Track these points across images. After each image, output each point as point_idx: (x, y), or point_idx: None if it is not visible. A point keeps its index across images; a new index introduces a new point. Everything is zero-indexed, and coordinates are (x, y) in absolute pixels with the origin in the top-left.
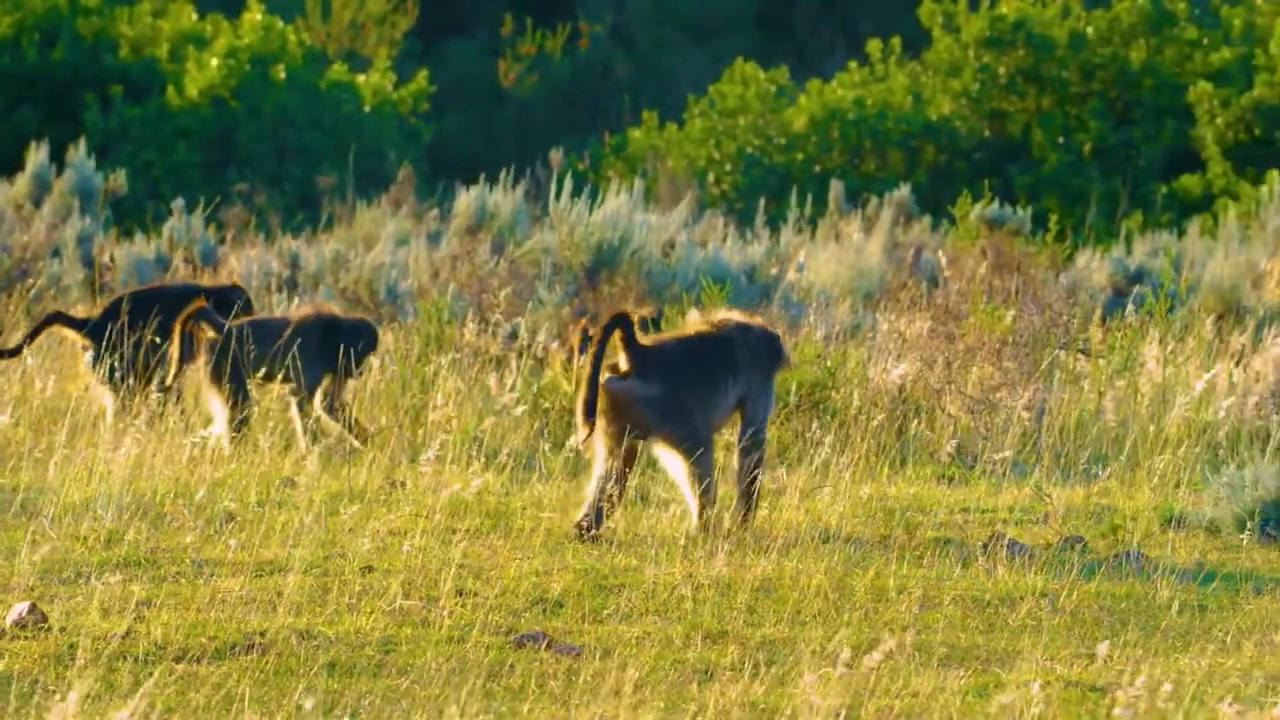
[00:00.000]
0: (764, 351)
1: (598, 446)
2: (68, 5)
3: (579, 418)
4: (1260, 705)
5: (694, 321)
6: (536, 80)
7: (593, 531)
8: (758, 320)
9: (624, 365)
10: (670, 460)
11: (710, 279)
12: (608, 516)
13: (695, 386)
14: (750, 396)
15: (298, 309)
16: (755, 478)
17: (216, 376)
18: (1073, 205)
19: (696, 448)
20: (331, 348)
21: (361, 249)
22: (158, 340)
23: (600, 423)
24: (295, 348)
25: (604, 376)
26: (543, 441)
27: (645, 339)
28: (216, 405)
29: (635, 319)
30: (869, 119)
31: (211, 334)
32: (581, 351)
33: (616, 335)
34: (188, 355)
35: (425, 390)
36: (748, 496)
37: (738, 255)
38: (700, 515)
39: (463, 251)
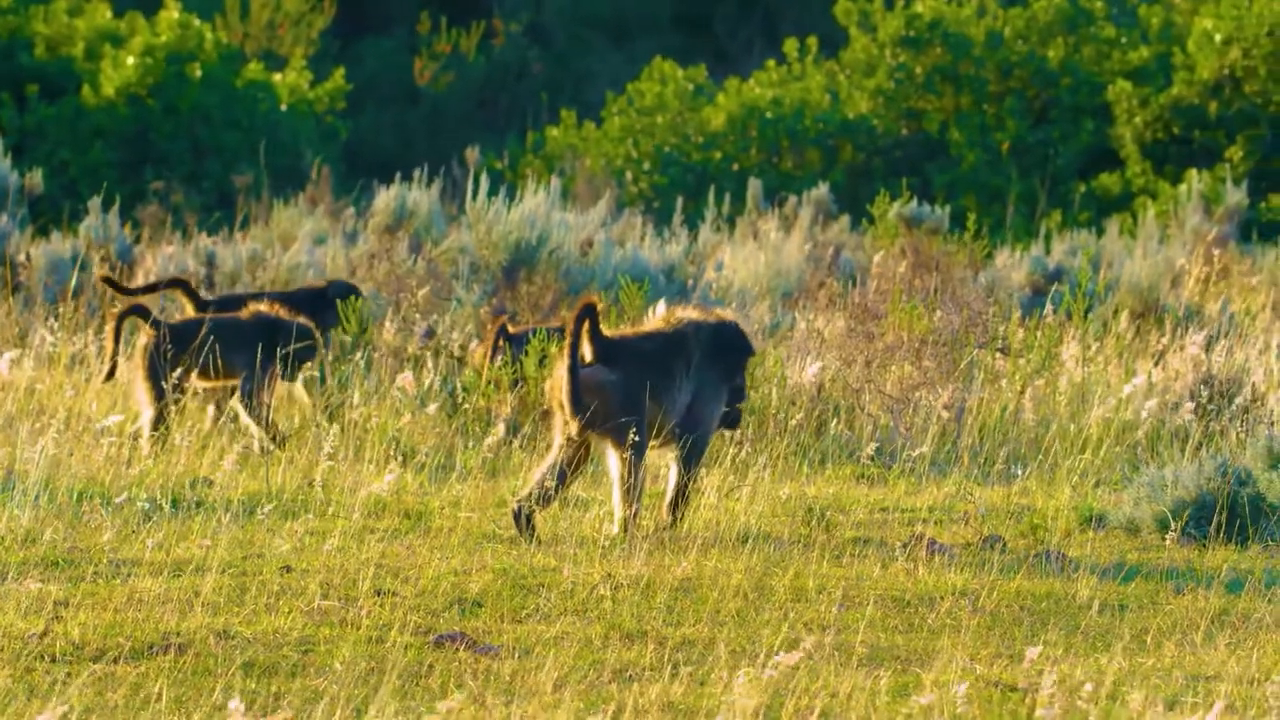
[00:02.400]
0: (719, 349)
1: (555, 435)
2: None
3: (567, 410)
4: (1181, 705)
5: (654, 319)
6: (452, 79)
7: (530, 518)
8: (717, 316)
9: (588, 355)
10: (610, 455)
11: (629, 278)
12: (540, 507)
13: (655, 381)
14: (701, 395)
15: (244, 310)
16: (693, 478)
17: (149, 374)
18: (991, 204)
19: (636, 446)
20: (271, 349)
21: (278, 248)
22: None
23: (562, 413)
24: (237, 347)
25: (564, 365)
26: (460, 440)
27: (609, 332)
28: (144, 402)
29: (600, 310)
30: (787, 118)
31: (147, 331)
32: (495, 352)
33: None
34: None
35: (343, 389)
36: (683, 497)
37: (656, 254)
38: (622, 515)
39: (380, 250)
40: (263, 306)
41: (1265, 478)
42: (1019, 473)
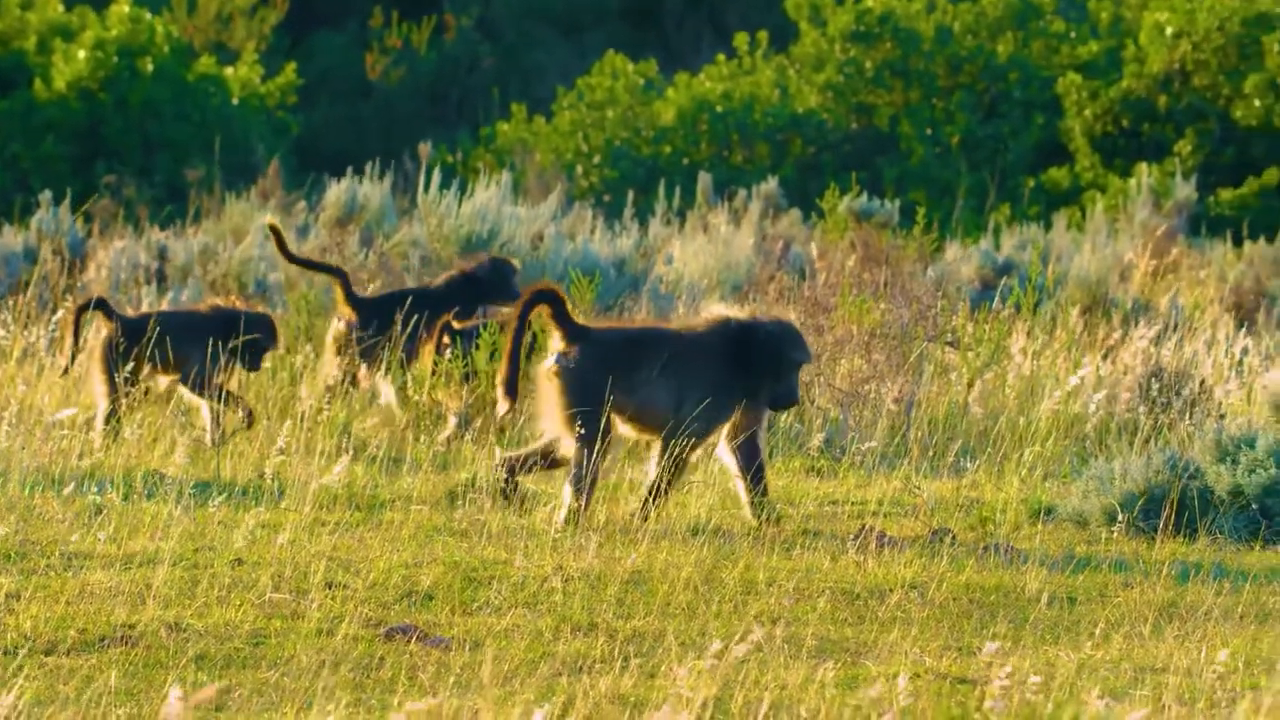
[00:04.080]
0: (746, 350)
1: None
2: None
3: (499, 391)
4: (1129, 697)
5: (681, 316)
6: (404, 73)
7: (512, 475)
8: (761, 317)
9: (559, 344)
10: (564, 442)
11: (579, 271)
12: (521, 472)
13: (624, 373)
14: (692, 398)
15: (198, 303)
16: (672, 477)
17: (105, 367)
18: (940, 198)
19: (585, 440)
20: (227, 339)
21: (230, 242)
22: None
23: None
24: (194, 341)
25: (549, 360)
26: (412, 433)
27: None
28: (99, 395)
29: (563, 294)
30: (736, 112)
31: (107, 325)
32: (439, 350)
33: (546, 312)
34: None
35: (294, 382)
36: (657, 492)
37: (607, 247)
38: (569, 506)
39: (332, 244)
40: (219, 300)
41: (1213, 471)
42: (968, 466)
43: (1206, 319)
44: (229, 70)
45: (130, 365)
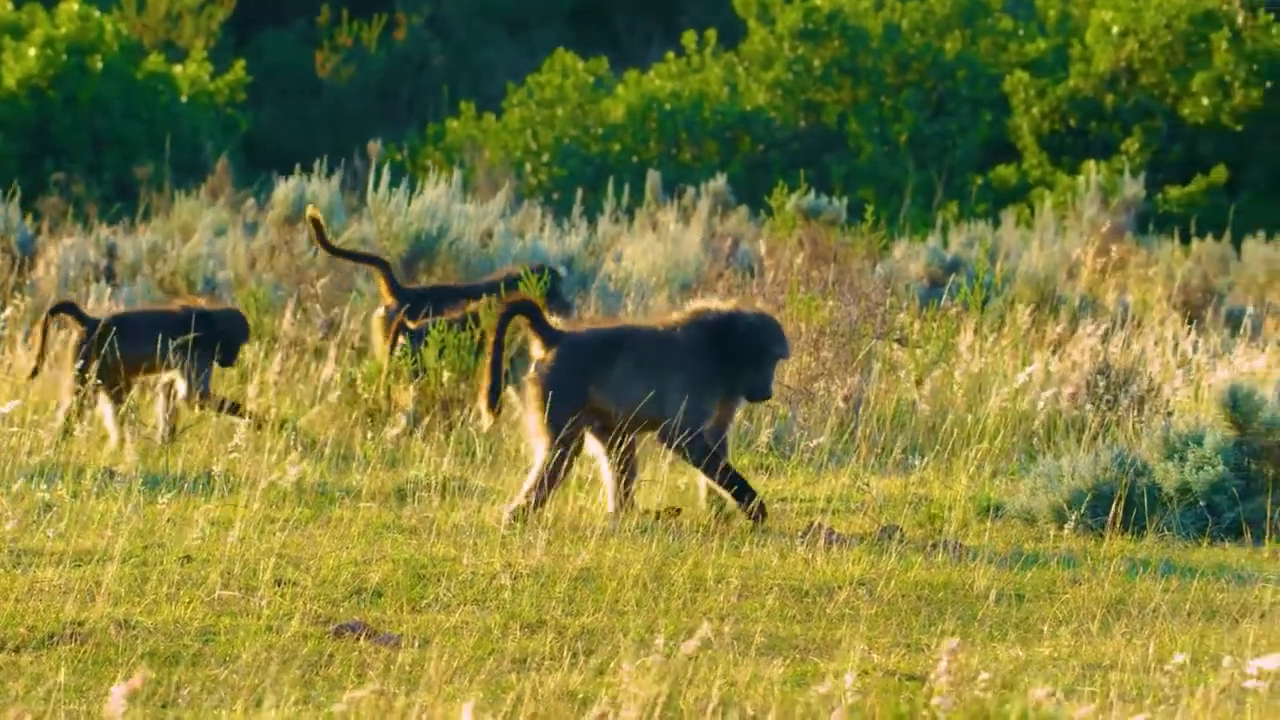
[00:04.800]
0: (695, 350)
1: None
2: None
3: (482, 404)
4: (1078, 694)
5: (662, 312)
6: (353, 71)
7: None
8: (740, 309)
9: (538, 352)
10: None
11: (528, 269)
12: (628, 505)
13: (599, 373)
14: (673, 395)
15: (165, 303)
16: (722, 476)
17: (74, 368)
18: (889, 195)
19: (555, 443)
20: (204, 339)
21: (179, 239)
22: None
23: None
24: (164, 340)
25: (531, 370)
26: (361, 431)
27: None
28: (65, 391)
29: (541, 303)
30: (685, 110)
31: (77, 328)
32: (394, 346)
33: (524, 323)
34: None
35: (243, 379)
36: (734, 495)
37: (556, 245)
38: (517, 504)
39: (280, 242)
40: (187, 300)
41: (1161, 468)
42: (916, 463)
43: (1154, 316)
44: (178, 68)
45: (100, 366)
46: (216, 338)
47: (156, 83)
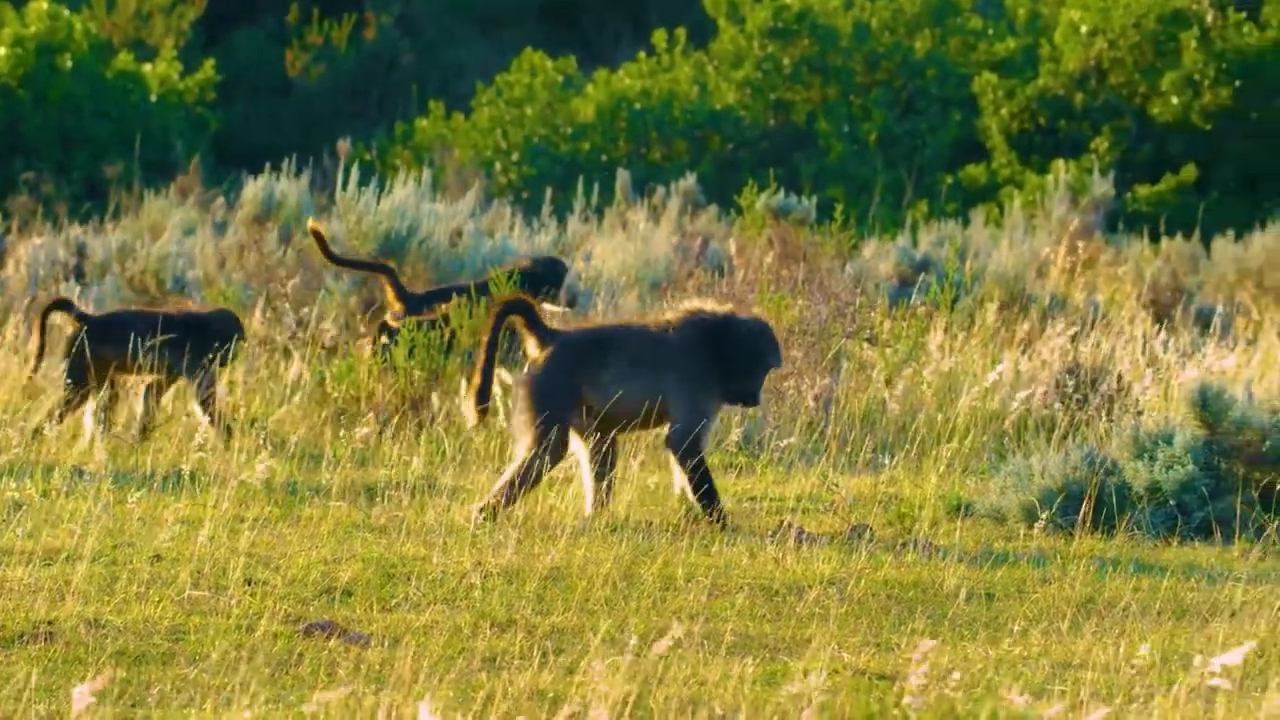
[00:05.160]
0: (689, 349)
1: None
2: None
3: (470, 402)
4: (1048, 693)
5: (656, 311)
6: (323, 70)
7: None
8: (736, 312)
9: (532, 351)
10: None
11: (497, 268)
12: (603, 505)
13: (593, 375)
14: (669, 396)
15: (158, 304)
16: (697, 480)
17: (70, 366)
18: (858, 195)
19: (538, 442)
20: (199, 339)
21: (148, 238)
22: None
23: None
24: (165, 342)
25: (525, 370)
26: (330, 430)
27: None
28: (61, 391)
29: (535, 302)
30: (655, 109)
31: (73, 325)
32: (381, 351)
33: (519, 322)
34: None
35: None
36: (702, 499)
37: (525, 244)
38: (487, 501)
39: (250, 241)
40: (180, 302)
41: (1131, 467)
42: (886, 462)
43: (1124, 315)
44: (148, 67)
45: (96, 364)
46: (211, 339)
47: (126, 82)
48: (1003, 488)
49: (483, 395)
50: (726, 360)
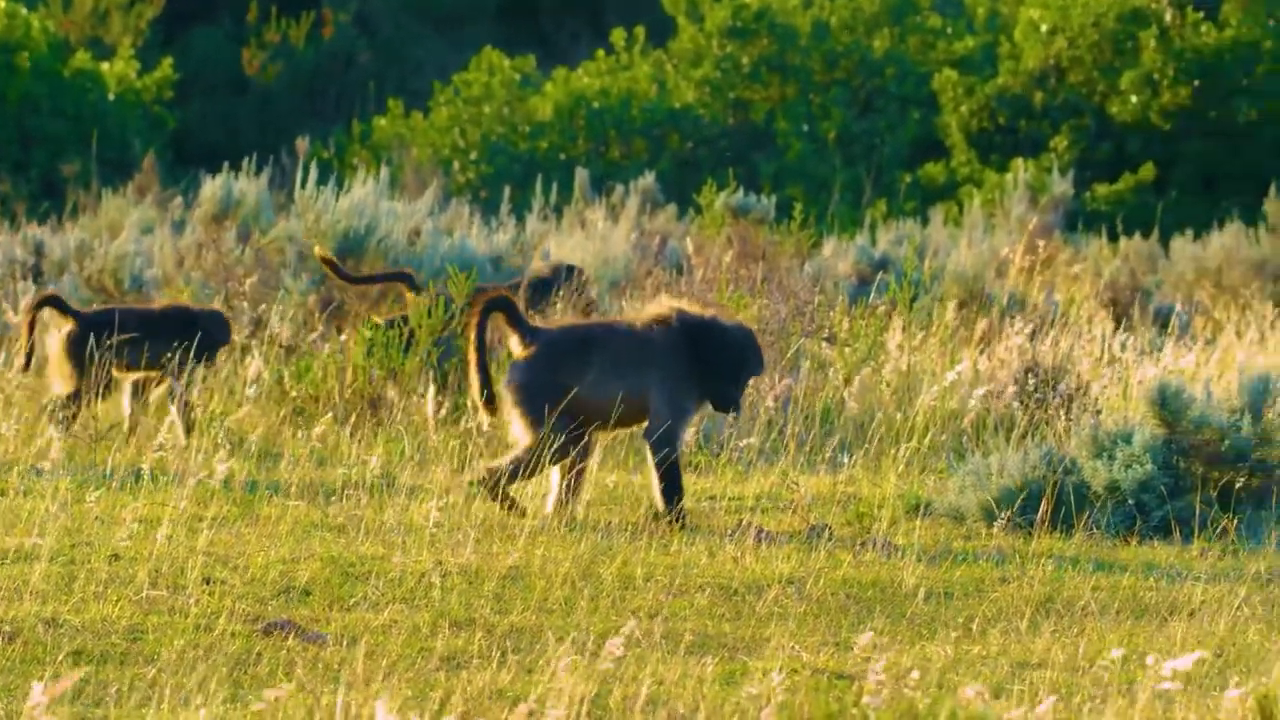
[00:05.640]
0: (671, 347)
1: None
2: None
3: (478, 403)
4: (1007, 692)
5: (636, 310)
6: (281, 68)
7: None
8: (717, 315)
9: (516, 348)
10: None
11: (456, 267)
12: (564, 505)
13: (577, 373)
14: (652, 393)
15: (148, 300)
16: (665, 475)
17: (71, 363)
18: (817, 193)
19: (535, 434)
20: (188, 337)
21: (106, 237)
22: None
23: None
24: (154, 337)
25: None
26: (288, 429)
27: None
28: (61, 391)
29: (516, 299)
30: (613, 107)
31: (67, 322)
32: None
33: (501, 320)
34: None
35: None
36: (665, 495)
37: (484, 243)
38: (478, 472)
39: (208, 240)
40: (171, 299)
41: (1090, 466)
42: (845, 461)
43: (1083, 314)
44: (105, 65)
45: (90, 362)
46: (200, 338)
47: (84, 80)
48: (961, 487)
49: (486, 393)
50: (709, 365)
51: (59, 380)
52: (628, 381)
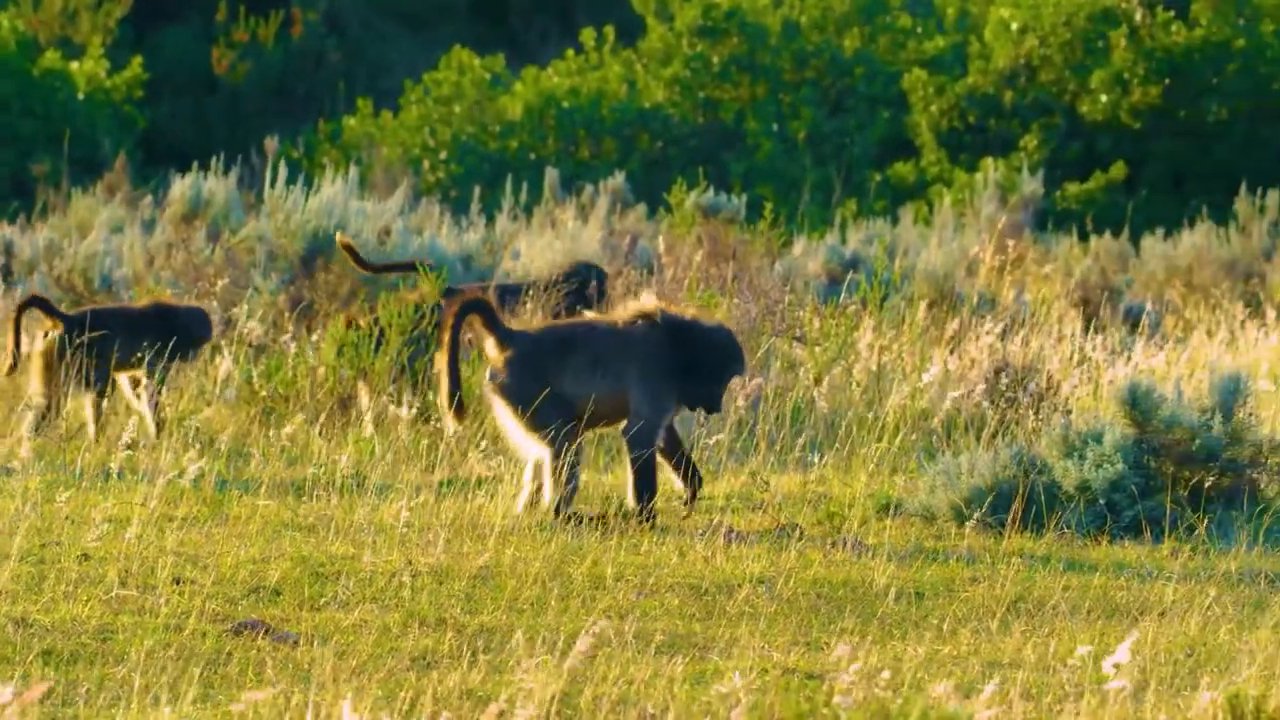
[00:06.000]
0: (652, 346)
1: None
2: None
3: (447, 411)
4: (978, 692)
5: (616, 309)
6: (250, 68)
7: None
8: (695, 316)
9: (492, 352)
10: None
11: (426, 266)
12: (534, 506)
13: (556, 375)
14: (633, 391)
15: (136, 300)
16: (639, 471)
17: (47, 367)
18: (787, 193)
19: (553, 441)
20: (168, 335)
21: (76, 237)
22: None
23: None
24: (136, 336)
25: (488, 373)
26: (259, 428)
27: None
28: (37, 395)
29: (492, 302)
30: (583, 107)
31: (51, 324)
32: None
33: (477, 322)
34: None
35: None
36: (638, 492)
37: (454, 243)
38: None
39: (178, 239)
40: (155, 296)
41: (1060, 466)
42: (816, 460)
43: (1053, 313)
44: (75, 65)
45: (77, 363)
46: (181, 335)
47: (53, 79)
48: (932, 486)
49: (455, 399)
50: (690, 366)
51: (41, 381)
52: (609, 382)
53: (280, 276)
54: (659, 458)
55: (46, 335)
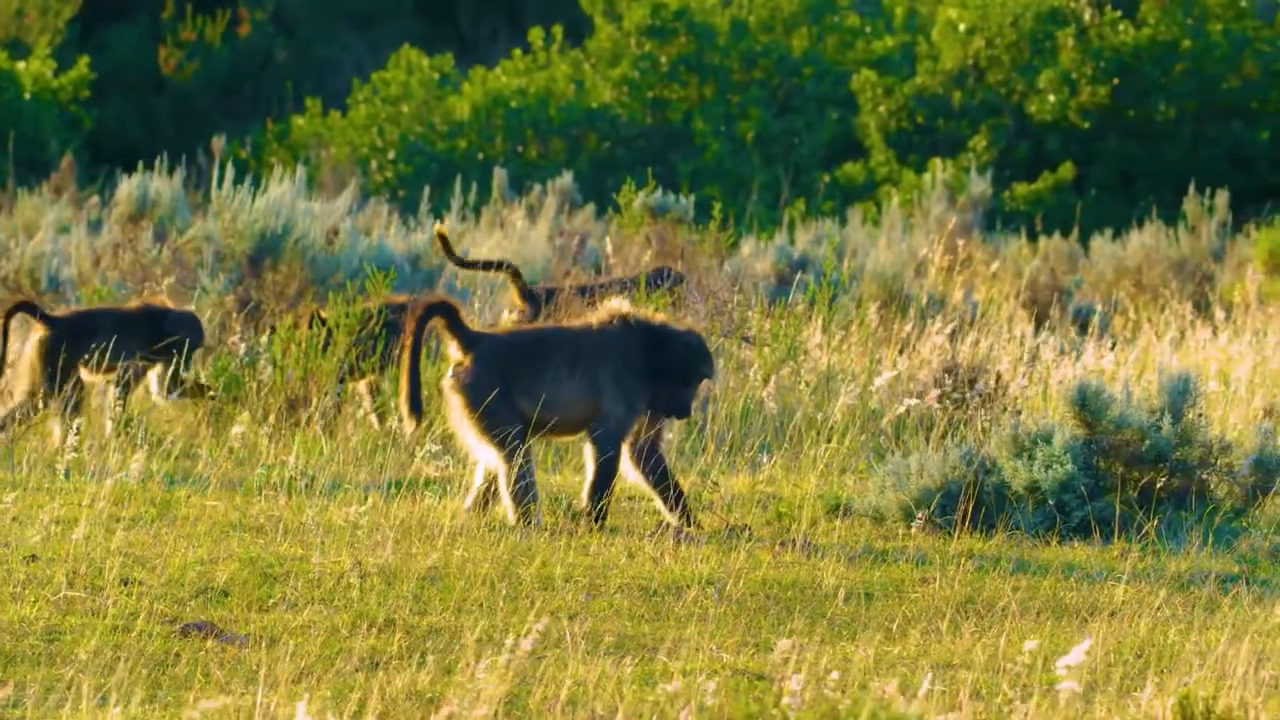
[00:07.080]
0: (621, 350)
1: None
2: None
3: (403, 410)
4: (928, 693)
5: (581, 315)
6: (197, 67)
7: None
8: (666, 321)
9: (456, 354)
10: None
11: (374, 267)
12: (483, 508)
13: (522, 379)
14: (604, 395)
15: (123, 301)
16: (601, 471)
17: (44, 366)
18: (735, 193)
19: (504, 448)
20: (158, 338)
21: (22, 237)
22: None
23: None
24: (125, 338)
25: (449, 373)
26: (207, 428)
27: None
28: (21, 392)
29: (457, 303)
30: (531, 107)
31: (40, 328)
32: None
33: (441, 324)
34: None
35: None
36: (594, 490)
37: (402, 243)
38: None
39: (124, 239)
40: (147, 298)
41: (1010, 466)
42: (765, 461)
43: (1002, 314)
44: (21, 64)
45: (66, 366)
46: (170, 337)
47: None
48: (881, 487)
49: (414, 401)
50: (660, 371)
51: (27, 384)
52: (578, 386)
53: (228, 277)
54: (646, 487)
55: (35, 339)
